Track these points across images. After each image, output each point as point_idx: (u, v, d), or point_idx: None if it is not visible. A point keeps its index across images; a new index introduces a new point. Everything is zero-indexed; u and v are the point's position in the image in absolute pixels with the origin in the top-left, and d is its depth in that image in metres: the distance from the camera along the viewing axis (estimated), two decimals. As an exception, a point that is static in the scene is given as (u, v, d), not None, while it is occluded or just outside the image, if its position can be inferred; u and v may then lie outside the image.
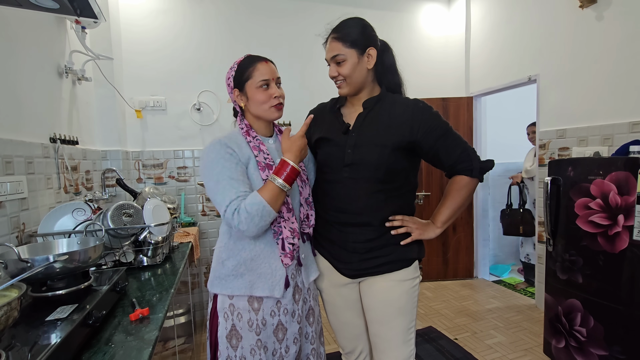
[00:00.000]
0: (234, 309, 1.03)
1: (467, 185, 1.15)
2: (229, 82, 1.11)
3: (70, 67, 1.88)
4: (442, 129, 1.11)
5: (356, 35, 1.15)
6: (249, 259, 1.03)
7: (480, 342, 2.36)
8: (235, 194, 0.95)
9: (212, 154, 1.00)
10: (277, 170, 1.00)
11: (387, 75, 1.21)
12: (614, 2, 2.17)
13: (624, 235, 1.57)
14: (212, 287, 1.07)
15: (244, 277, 1.03)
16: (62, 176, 1.69)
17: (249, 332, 1.02)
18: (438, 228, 1.17)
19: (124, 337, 0.91)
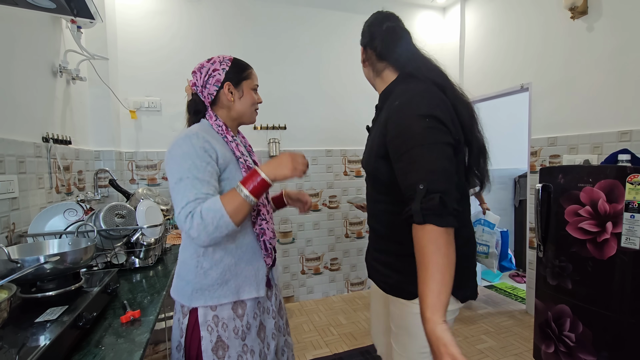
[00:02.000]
0: (218, 320, 0.98)
1: (420, 242, 0.75)
2: (216, 74, 1.03)
3: (64, 67, 1.87)
4: (405, 143, 0.82)
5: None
6: (233, 264, 1.00)
7: (472, 346, 2.38)
8: (194, 196, 0.87)
9: (186, 147, 0.92)
10: (245, 180, 0.91)
11: (396, 59, 1.04)
12: (604, 14, 2.22)
13: (612, 242, 1.60)
14: (191, 301, 0.98)
15: (229, 283, 0.99)
16: (54, 176, 1.68)
17: (235, 340, 1.00)
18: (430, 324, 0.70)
19: (114, 340, 0.90)
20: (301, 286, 3.27)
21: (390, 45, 1.03)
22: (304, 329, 2.71)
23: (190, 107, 1.09)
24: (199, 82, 1.05)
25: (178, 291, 1.02)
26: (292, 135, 3.14)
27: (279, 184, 3.12)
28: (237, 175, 1.00)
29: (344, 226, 3.38)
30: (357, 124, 3.37)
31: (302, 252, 3.26)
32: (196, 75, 1.06)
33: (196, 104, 1.07)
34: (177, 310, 1.04)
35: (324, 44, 3.21)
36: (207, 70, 1.04)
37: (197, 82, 1.06)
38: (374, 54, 1.06)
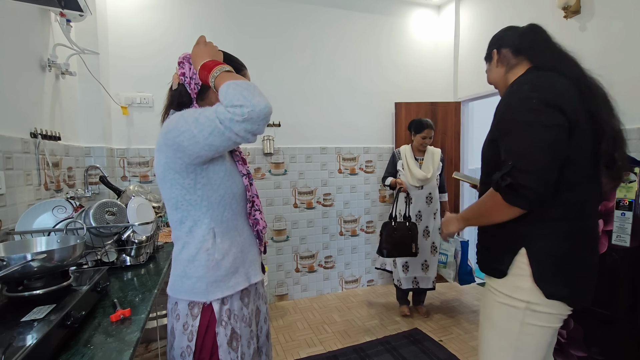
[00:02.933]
0: (230, 313, 0.99)
1: (485, 198, 1.01)
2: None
3: (53, 61, 1.83)
4: (509, 122, 0.96)
5: (487, 50, 1.27)
6: (240, 251, 1.03)
7: (465, 343, 2.39)
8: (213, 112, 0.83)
9: (190, 111, 0.90)
10: (205, 71, 0.90)
11: (532, 52, 1.09)
12: (596, 13, 2.24)
13: (603, 240, 1.61)
14: (208, 296, 0.95)
15: (239, 270, 1.02)
16: (42, 172, 1.64)
17: (245, 328, 1.03)
18: (457, 221, 1.14)
19: (103, 339, 0.88)
20: (295, 284, 3.26)
21: (529, 40, 1.10)
22: (298, 327, 2.71)
23: (174, 97, 1.03)
24: (188, 73, 1.02)
25: (188, 291, 0.96)
26: (286, 132, 3.13)
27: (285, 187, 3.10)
28: (233, 166, 1.03)
29: (338, 224, 3.38)
30: (352, 121, 3.37)
31: (296, 250, 3.25)
32: (184, 65, 1.02)
33: (181, 96, 1.02)
34: (181, 315, 0.98)
35: (319, 41, 3.20)
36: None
37: (186, 72, 1.02)
38: (510, 51, 1.14)
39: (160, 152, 0.94)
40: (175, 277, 1.01)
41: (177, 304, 0.99)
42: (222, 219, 0.99)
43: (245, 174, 1.06)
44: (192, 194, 0.95)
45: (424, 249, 2.73)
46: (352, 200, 3.41)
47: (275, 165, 3.12)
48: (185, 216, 0.97)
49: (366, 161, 3.44)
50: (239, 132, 0.83)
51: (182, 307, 0.98)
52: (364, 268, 3.51)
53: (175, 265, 1.01)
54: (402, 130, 3.35)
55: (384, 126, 3.49)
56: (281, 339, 2.54)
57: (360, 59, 3.36)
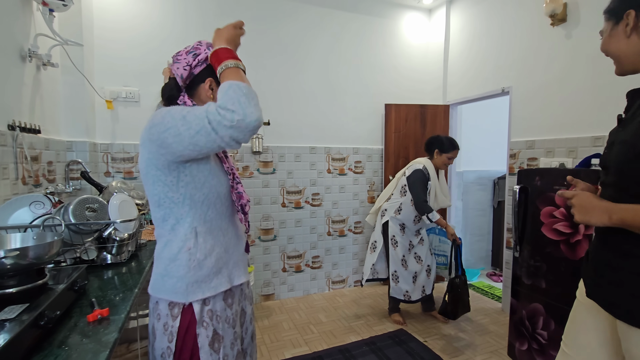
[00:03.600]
0: (212, 313, 0.97)
1: None
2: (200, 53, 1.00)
3: (34, 51, 1.77)
4: None
5: (613, 3, 0.92)
6: (223, 251, 1.00)
7: (449, 344, 2.42)
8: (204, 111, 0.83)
9: (177, 108, 0.89)
10: (219, 59, 0.91)
11: None
12: (582, 22, 2.29)
13: (584, 244, 1.65)
14: (188, 296, 0.93)
15: (222, 271, 0.99)
16: (20, 166, 1.59)
17: (228, 330, 1.01)
18: (609, 216, 0.80)
19: (79, 340, 0.85)
20: (282, 284, 3.24)
21: None
22: (284, 327, 2.69)
23: (165, 91, 1.03)
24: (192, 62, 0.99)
25: (168, 290, 0.95)
26: (275, 131, 3.10)
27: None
28: (217, 163, 1.01)
29: (326, 224, 3.37)
30: (342, 122, 3.37)
31: (283, 250, 3.23)
32: (181, 60, 1.00)
33: (171, 89, 1.01)
34: (162, 315, 0.96)
35: (310, 40, 3.19)
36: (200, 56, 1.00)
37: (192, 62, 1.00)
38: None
39: (144, 147, 0.92)
40: (156, 275, 0.99)
41: (158, 304, 0.98)
42: (206, 219, 0.97)
43: (227, 170, 1.04)
44: (174, 191, 0.93)
45: (426, 256, 2.69)
46: (340, 201, 3.41)
47: (264, 164, 3.10)
48: (168, 214, 0.95)
49: (355, 162, 3.44)
50: (224, 136, 0.82)
51: (162, 307, 0.96)
52: (351, 268, 3.52)
53: (157, 264, 0.99)
54: (391, 132, 3.37)
55: (373, 127, 3.50)
56: (266, 339, 2.51)
57: (351, 60, 3.36)
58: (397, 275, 2.63)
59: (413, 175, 2.53)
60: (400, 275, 2.62)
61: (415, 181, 2.51)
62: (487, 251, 4.11)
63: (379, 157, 3.53)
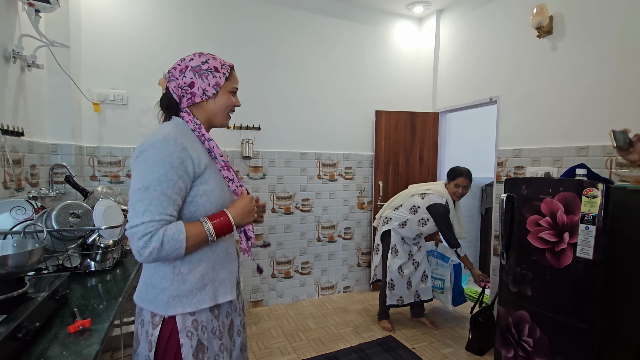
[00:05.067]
0: (197, 324, 0.95)
1: None
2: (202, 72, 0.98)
3: (19, 52, 1.73)
4: None
5: None
6: (210, 267, 0.98)
7: (437, 351, 2.42)
8: (159, 215, 0.84)
9: (161, 153, 0.86)
10: (212, 216, 0.94)
11: None
12: (567, 34, 2.35)
13: (568, 252, 1.68)
14: (168, 310, 0.92)
15: (207, 287, 0.97)
16: (1, 170, 1.54)
17: (213, 340, 0.99)
18: None
19: (59, 352, 0.82)
20: (271, 290, 3.21)
21: None
22: (272, 334, 2.66)
23: (164, 100, 1.03)
24: (180, 84, 0.98)
25: (150, 301, 0.94)
26: (266, 136, 3.09)
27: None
28: (216, 176, 0.99)
29: (316, 230, 3.36)
30: (332, 128, 3.38)
31: (272, 256, 3.20)
32: (176, 76, 0.99)
33: (170, 99, 1.02)
34: (145, 322, 0.95)
35: (301, 47, 3.19)
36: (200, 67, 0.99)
37: (179, 83, 0.99)
38: None
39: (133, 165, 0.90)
40: (141, 283, 0.99)
41: (142, 310, 0.98)
42: None
43: (231, 179, 1.04)
44: None
45: (422, 261, 2.71)
46: (330, 207, 3.41)
47: (254, 169, 3.08)
48: None
49: (346, 168, 3.45)
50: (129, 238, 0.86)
51: (145, 314, 0.96)
52: (340, 274, 3.51)
53: (143, 271, 1.00)
54: (381, 138, 3.39)
55: (364, 134, 3.51)
56: (254, 346, 2.48)
57: (342, 66, 3.38)
58: (394, 284, 2.64)
59: (437, 210, 2.50)
60: (397, 284, 2.64)
61: (441, 216, 2.50)
62: (474, 257, 4.16)
63: (369, 164, 3.54)
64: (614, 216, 1.56)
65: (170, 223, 0.87)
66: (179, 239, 0.86)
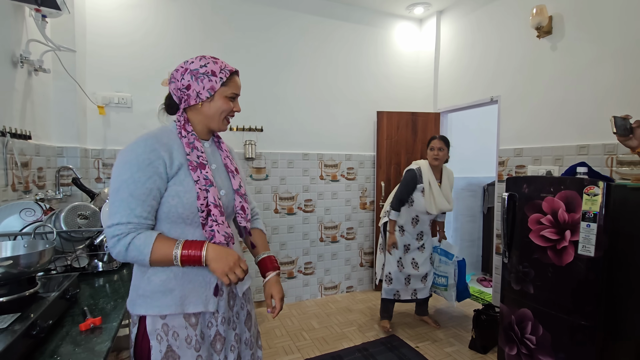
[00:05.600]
0: (168, 328, 0.92)
1: None
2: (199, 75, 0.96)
3: (26, 57, 1.76)
4: None
5: None
6: (180, 271, 0.93)
7: (440, 349, 2.44)
8: (126, 218, 0.85)
9: (131, 154, 0.89)
10: (188, 245, 0.89)
11: None
12: (566, 34, 2.37)
13: (570, 250, 1.69)
14: (134, 308, 0.93)
15: (174, 292, 0.92)
16: (10, 173, 1.57)
17: (187, 350, 0.93)
18: None
19: (71, 349, 0.85)
20: (274, 290, 3.23)
21: None
22: (276, 334, 2.68)
23: (166, 101, 1.07)
24: (179, 86, 0.99)
25: (130, 299, 0.97)
26: (268, 137, 3.12)
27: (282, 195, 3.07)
28: (187, 177, 0.93)
29: (318, 230, 3.38)
30: (334, 129, 3.40)
31: (275, 256, 3.22)
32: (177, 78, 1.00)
33: (170, 99, 1.05)
34: (132, 320, 0.98)
35: (303, 48, 3.22)
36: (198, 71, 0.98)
37: (177, 86, 0.99)
38: None
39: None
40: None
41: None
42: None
43: (196, 180, 0.94)
44: None
45: (424, 263, 2.66)
46: (333, 207, 3.43)
47: (257, 170, 3.10)
48: None
49: (348, 168, 3.47)
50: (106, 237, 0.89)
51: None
52: (343, 274, 3.53)
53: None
54: (383, 139, 3.41)
55: (365, 134, 3.53)
56: (258, 346, 2.50)
57: (344, 68, 3.40)
58: (391, 277, 2.65)
59: (404, 174, 2.63)
60: (395, 277, 2.64)
61: (403, 179, 2.61)
62: (477, 256, 4.16)
63: (371, 164, 3.56)
64: (615, 214, 1.57)
65: (143, 227, 0.88)
66: (143, 252, 0.86)
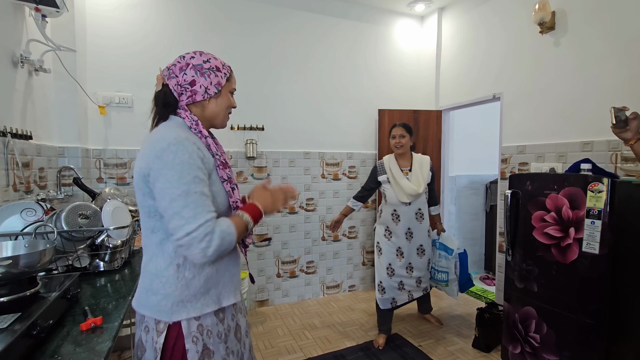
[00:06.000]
0: (202, 328, 0.94)
1: None
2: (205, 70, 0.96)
3: (26, 57, 1.75)
4: None
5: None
6: (214, 271, 0.97)
7: (443, 348, 2.42)
8: (209, 214, 0.87)
9: (184, 156, 0.86)
10: (246, 209, 0.97)
11: None
12: (569, 30, 2.34)
13: (574, 247, 1.68)
14: (172, 316, 0.91)
15: (211, 292, 0.96)
16: (11, 173, 1.57)
17: (219, 345, 0.96)
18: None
19: (72, 349, 0.84)
20: (276, 289, 3.23)
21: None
22: (278, 333, 2.67)
23: (159, 98, 0.99)
24: (181, 82, 0.97)
25: (152, 307, 0.92)
26: (269, 136, 3.11)
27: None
28: (218, 177, 0.97)
29: (320, 229, 3.38)
30: (336, 127, 3.39)
31: (277, 255, 3.22)
32: (177, 73, 0.97)
33: (166, 96, 0.98)
34: (150, 329, 0.92)
35: (303, 46, 3.21)
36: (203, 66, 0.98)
37: (180, 81, 0.97)
38: None
39: (142, 160, 0.89)
40: (141, 289, 0.96)
41: (144, 317, 0.95)
42: None
43: (225, 179, 0.98)
44: None
45: (419, 267, 2.49)
46: (334, 206, 3.42)
47: (258, 169, 3.10)
48: (158, 227, 0.92)
49: (349, 167, 3.46)
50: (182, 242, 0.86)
51: (149, 321, 0.93)
52: (345, 273, 3.52)
53: (142, 277, 0.96)
54: (384, 137, 3.40)
55: (367, 132, 3.52)
56: (261, 345, 2.50)
57: (344, 66, 3.39)
58: (383, 287, 2.47)
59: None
60: (386, 286, 2.46)
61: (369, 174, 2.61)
62: (480, 255, 4.15)
63: (373, 162, 3.55)
64: (619, 210, 1.55)
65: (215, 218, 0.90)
66: (231, 232, 0.90)
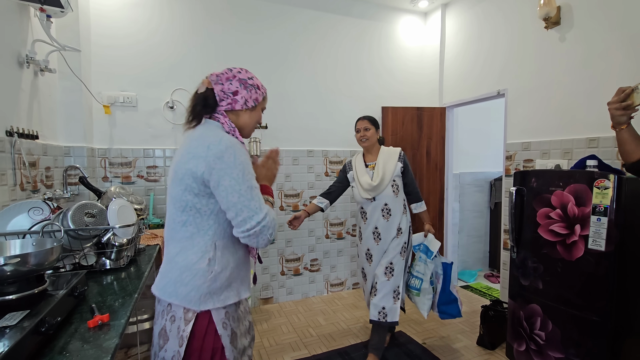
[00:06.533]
0: (229, 315, 1.04)
1: None
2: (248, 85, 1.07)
3: (32, 57, 1.77)
4: None
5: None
6: (235, 266, 1.05)
7: (448, 346, 2.42)
8: (266, 205, 0.99)
9: (242, 156, 0.97)
10: (264, 191, 1.07)
11: None
12: (575, 25, 2.32)
13: (580, 244, 1.67)
14: (200, 305, 0.97)
15: (232, 285, 1.04)
16: (18, 172, 1.59)
17: (240, 327, 1.08)
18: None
19: (80, 346, 0.85)
20: (280, 287, 3.24)
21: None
22: (283, 331, 2.69)
23: (199, 100, 1.06)
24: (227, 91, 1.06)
25: (182, 297, 0.97)
26: (273, 134, 3.11)
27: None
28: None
29: (324, 227, 3.38)
30: (339, 125, 3.38)
31: (282, 253, 3.23)
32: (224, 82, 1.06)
33: (207, 99, 1.05)
34: (177, 318, 0.98)
35: (306, 44, 3.20)
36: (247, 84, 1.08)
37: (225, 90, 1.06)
38: None
39: (195, 159, 0.95)
40: (168, 280, 1.01)
41: (171, 306, 1.00)
42: (225, 234, 1.02)
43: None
44: (203, 204, 0.98)
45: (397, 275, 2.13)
46: (338, 204, 3.41)
47: (262, 167, 3.10)
48: (190, 221, 0.99)
49: (353, 164, 3.45)
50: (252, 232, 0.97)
51: (177, 310, 0.99)
52: (349, 271, 3.52)
53: (169, 267, 1.02)
54: (388, 135, 3.39)
55: (370, 130, 3.51)
56: (265, 342, 2.51)
57: (348, 63, 3.38)
58: (363, 289, 2.31)
59: None
60: (365, 290, 2.27)
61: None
62: (484, 252, 4.13)
63: (377, 160, 3.54)
64: (626, 207, 1.54)
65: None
66: (274, 216, 1.02)
